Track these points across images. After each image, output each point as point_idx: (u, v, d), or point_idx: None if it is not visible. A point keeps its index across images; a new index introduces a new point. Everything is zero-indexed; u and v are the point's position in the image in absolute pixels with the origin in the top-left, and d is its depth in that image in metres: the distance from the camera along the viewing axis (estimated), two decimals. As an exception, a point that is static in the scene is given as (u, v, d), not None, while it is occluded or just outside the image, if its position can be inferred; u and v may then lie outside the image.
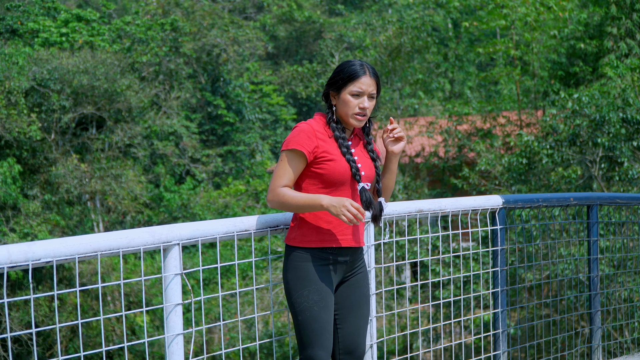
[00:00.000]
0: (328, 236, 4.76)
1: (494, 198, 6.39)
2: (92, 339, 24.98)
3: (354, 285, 4.89)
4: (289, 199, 4.67)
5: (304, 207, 4.66)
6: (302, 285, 4.71)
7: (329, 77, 4.85)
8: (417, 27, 30.40)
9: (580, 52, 23.97)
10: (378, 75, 4.83)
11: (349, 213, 4.52)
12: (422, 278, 20.01)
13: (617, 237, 8.16)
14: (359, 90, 4.72)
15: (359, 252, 4.92)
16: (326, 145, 4.74)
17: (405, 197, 25.10)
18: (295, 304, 4.72)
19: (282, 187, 4.71)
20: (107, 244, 4.14)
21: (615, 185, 17.82)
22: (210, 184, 33.43)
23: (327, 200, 4.59)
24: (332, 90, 4.81)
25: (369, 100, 4.76)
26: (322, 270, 4.74)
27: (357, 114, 4.74)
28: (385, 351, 7.26)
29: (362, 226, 4.96)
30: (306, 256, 4.74)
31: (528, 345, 7.16)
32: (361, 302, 4.91)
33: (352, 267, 4.89)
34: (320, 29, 43.53)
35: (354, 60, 4.81)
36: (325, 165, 4.72)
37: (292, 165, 4.72)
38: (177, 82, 33.14)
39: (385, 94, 31.32)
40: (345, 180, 4.76)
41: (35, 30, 31.08)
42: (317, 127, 4.77)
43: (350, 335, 4.86)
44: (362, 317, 4.92)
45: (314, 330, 4.68)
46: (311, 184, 4.78)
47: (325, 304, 4.71)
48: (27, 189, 26.43)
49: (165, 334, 4.46)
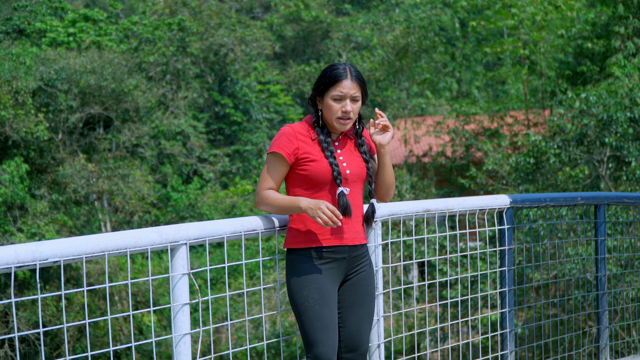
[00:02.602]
0: (321, 236, 4.79)
1: (502, 198, 6.39)
2: (100, 338, 24.99)
3: (356, 284, 4.90)
4: (272, 201, 4.78)
5: (285, 209, 4.76)
6: (301, 286, 4.75)
7: (315, 82, 4.91)
8: (424, 26, 30.42)
9: (588, 52, 23.96)
10: (362, 77, 4.88)
11: (324, 216, 4.59)
12: (429, 278, 19.99)
13: (625, 237, 8.14)
14: (340, 94, 4.76)
15: (358, 249, 4.92)
16: (308, 147, 4.81)
17: (412, 196, 25.09)
18: (297, 305, 4.75)
19: (266, 190, 4.82)
20: (114, 243, 4.15)
21: (623, 184, 17.81)
22: (218, 183, 33.43)
23: (305, 202, 4.66)
24: (317, 95, 4.87)
25: (352, 103, 4.79)
26: (320, 269, 4.77)
27: (340, 117, 4.79)
28: (393, 351, 7.20)
29: (361, 224, 4.96)
30: (303, 257, 4.78)
31: (535, 345, 7.15)
32: (364, 300, 4.92)
33: (354, 265, 4.89)
34: (327, 28, 43.51)
35: (337, 63, 4.86)
36: (308, 167, 4.78)
37: (274, 168, 4.82)
38: (184, 81, 33.15)
39: (393, 94, 31.36)
40: (328, 182, 4.81)
41: (43, 30, 31.10)
42: (299, 130, 4.85)
43: (352, 333, 4.87)
44: (365, 315, 4.92)
45: (317, 328, 4.69)
46: (297, 185, 4.84)
47: (326, 302, 4.73)
48: (35, 188, 26.45)
49: (172, 334, 4.46)
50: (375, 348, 5.54)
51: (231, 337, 24.22)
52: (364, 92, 4.84)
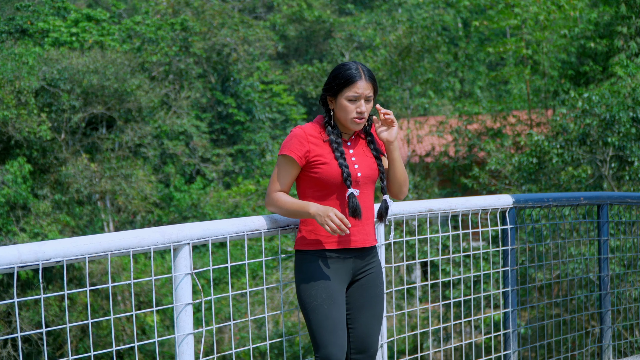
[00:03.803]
0: (330, 239, 4.79)
1: (504, 197, 6.39)
2: (102, 338, 24.99)
3: (365, 285, 4.90)
4: (282, 204, 4.77)
5: (294, 213, 4.75)
6: (309, 286, 4.75)
7: (325, 82, 4.86)
8: (427, 26, 30.40)
9: (591, 52, 23.93)
10: (374, 76, 4.84)
11: (332, 223, 4.58)
12: (432, 278, 20.00)
13: (628, 237, 8.14)
14: (355, 95, 4.73)
15: (367, 251, 4.91)
16: (319, 149, 4.78)
17: (415, 196, 25.10)
18: (306, 305, 4.75)
19: (276, 192, 4.80)
20: (117, 243, 4.15)
21: (626, 184, 17.81)
22: (221, 183, 33.40)
23: (314, 208, 4.65)
24: (329, 95, 4.83)
25: (366, 104, 4.77)
26: (328, 269, 4.77)
27: (355, 117, 4.76)
28: (396, 351, 7.19)
29: (372, 225, 4.94)
30: (311, 258, 4.78)
31: (538, 345, 7.15)
32: (373, 301, 4.92)
33: (363, 266, 4.88)
34: (330, 28, 43.48)
35: (349, 63, 4.81)
36: (319, 169, 4.76)
37: (285, 170, 4.79)
38: (187, 81, 33.13)
39: (396, 94, 31.32)
40: (338, 184, 4.78)
41: (45, 30, 31.09)
42: (310, 132, 4.82)
43: (362, 334, 4.87)
44: (374, 317, 4.92)
45: (326, 328, 4.69)
46: (308, 187, 4.83)
47: (334, 301, 4.72)
48: (37, 188, 26.45)
49: (175, 334, 4.46)
50: (378, 348, 5.54)
51: (234, 337, 24.20)
52: (375, 91, 4.82)
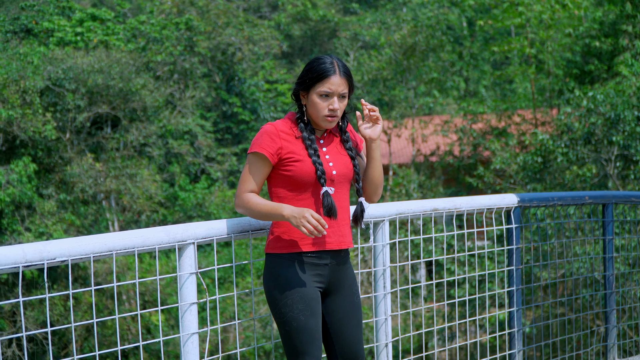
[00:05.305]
0: (304, 240, 4.55)
1: (509, 197, 6.38)
2: (107, 338, 25.00)
3: (343, 294, 4.70)
4: (253, 205, 4.50)
5: (266, 215, 4.48)
6: (284, 295, 4.51)
7: (299, 75, 4.60)
8: (431, 25, 30.41)
9: (595, 51, 23.92)
10: (350, 71, 4.58)
11: (309, 225, 4.33)
12: (437, 277, 20.00)
13: (633, 236, 8.13)
14: (328, 91, 4.48)
15: (342, 254, 4.69)
16: (292, 146, 4.53)
17: (420, 195, 25.10)
18: (280, 314, 4.53)
19: (247, 193, 4.53)
20: (122, 243, 4.15)
21: (631, 183, 17.80)
22: (225, 183, 33.42)
23: (288, 210, 4.39)
24: (301, 90, 4.58)
25: (339, 101, 4.52)
26: (303, 275, 4.53)
27: (327, 115, 4.51)
28: (401, 350, 7.19)
29: (348, 227, 4.72)
30: (285, 262, 4.54)
31: (543, 344, 7.14)
32: (353, 310, 4.73)
33: (338, 273, 4.67)
34: (334, 27, 43.50)
35: (324, 57, 4.56)
36: (292, 167, 4.51)
37: (256, 169, 4.54)
38: (192, 81, 33.17)
39: (400, 93, 31.34)
40: (312, 182, 4.54)
41: (50, 29, 31.12)
42: (282, 128, 4.56)
43: (348, 345, 4.69)
44: (357, 325, 4.74)
45: (302, 340, 4.50)
46: (280, 186, 4.58)
47: (311, 311, 4.52)
48: (42, 188, 26.47)
49: (180, 333, 4.45)
50: (383, 347, 5.54)
51: (239, 336, 24.22)
52: (351, 88, 4.58)
